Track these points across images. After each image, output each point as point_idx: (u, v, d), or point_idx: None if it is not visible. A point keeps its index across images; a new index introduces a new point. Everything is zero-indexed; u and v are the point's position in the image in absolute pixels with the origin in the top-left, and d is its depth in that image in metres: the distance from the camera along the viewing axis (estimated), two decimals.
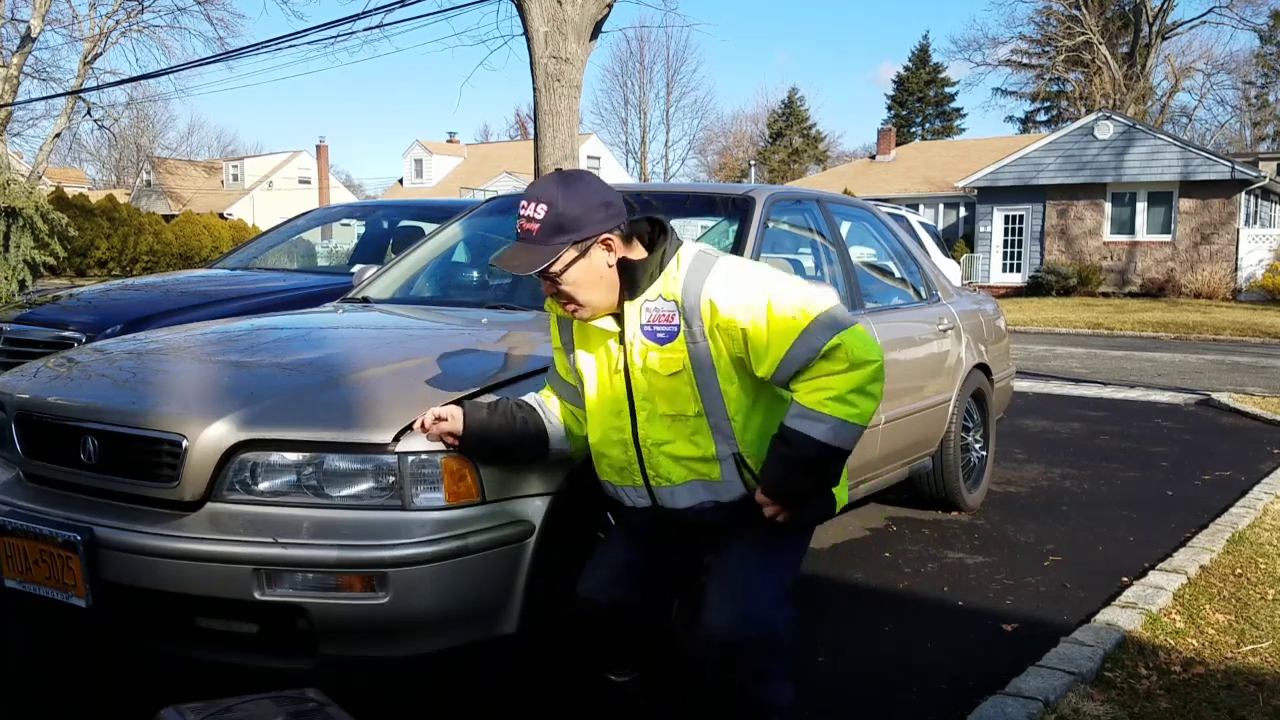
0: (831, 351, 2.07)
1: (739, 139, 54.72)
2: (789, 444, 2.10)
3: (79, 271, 24.32)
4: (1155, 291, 23.54)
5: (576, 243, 2.11)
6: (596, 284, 2.15)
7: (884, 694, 2.85)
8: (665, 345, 2.16)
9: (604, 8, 8.50)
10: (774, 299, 2.12)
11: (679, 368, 2.15)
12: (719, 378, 2.16)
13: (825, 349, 2.07)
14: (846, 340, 2.07)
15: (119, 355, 3.07)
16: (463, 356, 2.80)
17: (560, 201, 2.10)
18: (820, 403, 2.07)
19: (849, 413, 2.07)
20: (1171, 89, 39.90)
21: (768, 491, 2.15)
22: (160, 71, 27.10)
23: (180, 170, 50.23)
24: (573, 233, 2.10)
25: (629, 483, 2.29)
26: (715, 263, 2.18)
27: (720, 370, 2.16)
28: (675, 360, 2.15)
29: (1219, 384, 9.70)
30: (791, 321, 2.09)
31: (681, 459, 2.21)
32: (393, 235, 6.40)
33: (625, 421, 2.23)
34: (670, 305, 2.16)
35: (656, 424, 2.20)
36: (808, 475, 2.12)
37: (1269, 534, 4.34)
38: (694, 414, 2.18)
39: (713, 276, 2.15)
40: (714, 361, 2.15)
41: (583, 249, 2.12)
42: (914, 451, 4.45)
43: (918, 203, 28.44)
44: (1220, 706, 2.69)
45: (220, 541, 2.33)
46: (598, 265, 2.14)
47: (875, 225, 4.88)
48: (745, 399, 2.19)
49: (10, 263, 6.61)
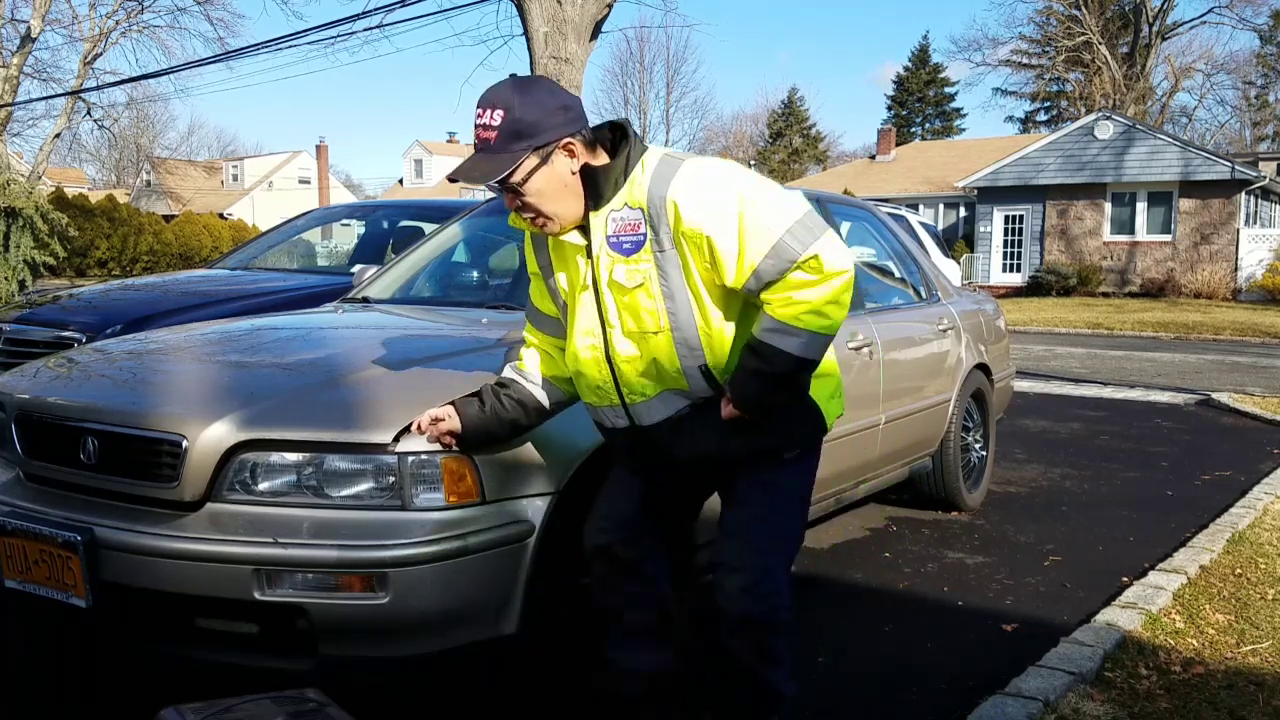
0: (806, 262, 1.97)
1: (739, 139, 54.72)
2: (761, 357, 2.01)
3: (79, 271, 24.32)
4: (1155, 291, 23.54)
5: (537, 149, 2.01)
6: (561, 193, 2.05)
7: (884, 694, 2.85)
8: (631, 256, 2.05)
9: (604, 8, 8.50)
10: (745, 205, 1.99)
11: (643, 279, 2.05)
12: (687, 288, 2.05)
13: (800, 260, 1.97)
14: (822, 250, 1.97)
15: (119, 355, 3.07)
16: (463, 357, 2.80)
17: (517, 106, 1.99)
18: (795, 316, 1.99)
19: (822, 325, 2.00)
20: (1171, 89, 39.93)
21: (739, 405, 2.07)
22: (160, 71, 27.18)
23: (180, 170, 50.26)
24: (532, 138, 2.00)
25: (606, 403, 2.21)
26: (681, 164, 2.06)
27: (688, 281, 2.05)
28: (640, 271, 2.05)
29: (1219, 384, 9.70)
30: (764, 231, 1.98)
31: (652, 375, 2.12)
32: (393, 235, 6.39)
33: (598, 339, 2.14)
34: (636, 214, 2.05)
35: (627, 340, 2.11)
36: (780, 388, 2.05)
37: (1269, 534, 4.34)
38: (661, 328, 2.07)
39: (678, 178, 2.03)
40: (682, 271, 2.04)
41: (544, 155, 2.02)
42: (914, 451, 4.45)
43: (918, 203, 28.44)
44: (1220, 706, 2.69)
45: (220, 541, 2.33)
46: (561, 173, 2.04)
47: (875, 225, 4.88)
48: (714, 311, 2.08)
49: (10, 263, 6.61)
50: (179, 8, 29.32)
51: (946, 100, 53.59)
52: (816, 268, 1.98)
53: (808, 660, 3.05)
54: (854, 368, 3.87)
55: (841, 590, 3.74)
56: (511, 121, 1.99)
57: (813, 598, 3.65)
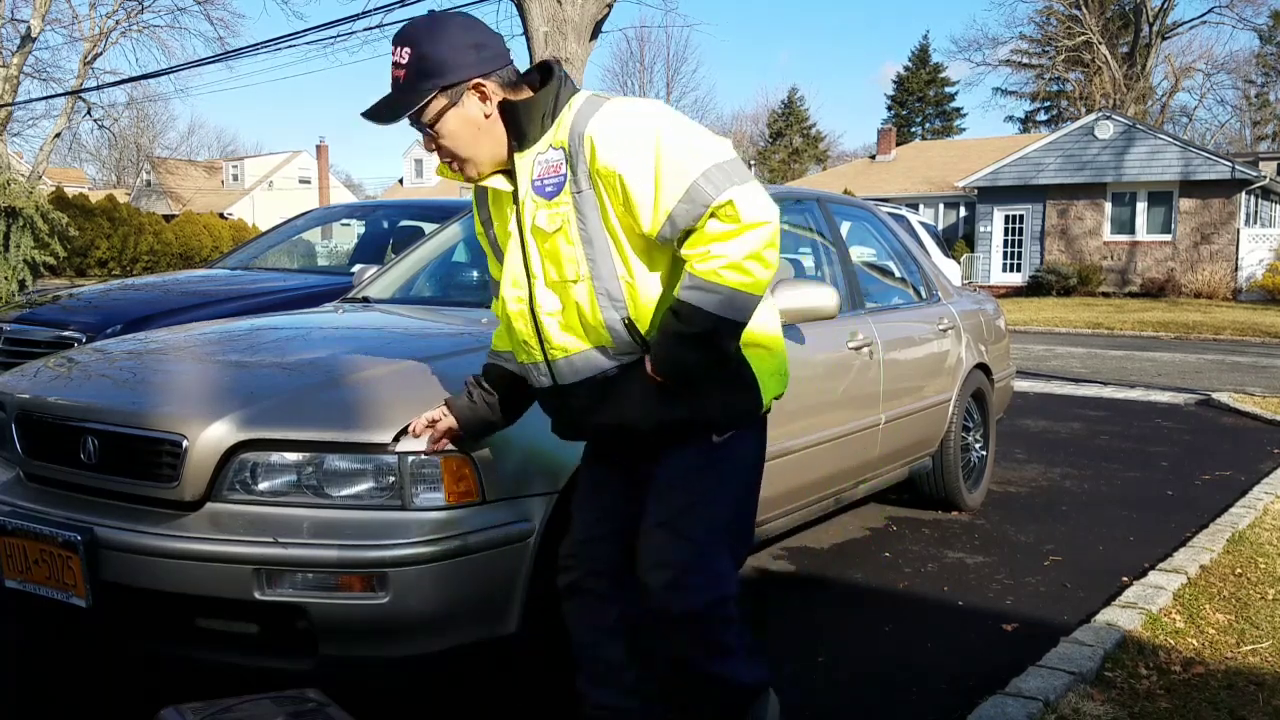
0: (721, 209, 1.85)
1: (739, 139, 54.67)
2: (679, 317, 1.89)
3: (79, 271, 24.32)
4: (1155, 291, 23.54)
5: (445, 89, 1.92)
6: (476, 137, 1.97)
7: (884, 694, 2.85)
8: (553, 200, 1.95)
9: (604, 8, 8.50)
10: (662, 145, 1.87)
11: (562, 223, 1.94)
12: (605, 233, 1.94)
13: (714, 206, 1.85)
14: (737, 197, 1.84)
15: (119, 355, 3.07)
16: (463, 357, 2.79)
17: (424, 43, 1.91)
18: (713, 271, 1.86)
19: (743, 283, 1.87)
20: (1171, 89, 39.94)
21: (658, 369, 1.95)
22: (160, 71, 27.24)
23: (180, 170, 50.28)
24: (439, 78, 1.91)
25: (532, 359, 2.10)
26: (605, 102, 1.95)
27: (606, 225, 1.93)
28: (559, 215, 1.95)
29: (1219, 384, 9.70)
30: (678, 173, 1.86)
31: (575, 329, 2.00)
32: (393, 235, 6.39)
33: (523, 290, 2.04)
34: (558, 154, 1.94)
35: (549, 291, 2.01)
36: (699, 350, 1.91)
37: (1269, 534, 4.34)
38: (581, 276, 1.96)
39: (598, 114, 1.92)
40: (600, 214, 1.93)
41: (453, 96, 1.93)
42: (914, 451, 4.45)
43: (918, 203, 28.44)
44: (1220, 706, 2.69)
45: (220, 541, 2.33)
46: (473, 116, 1.95)
47: (875, 225, 4.88)
48: (637, 261, 1.96)
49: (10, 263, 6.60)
50: (179, 8, 29.41)
51: (946, 100, 53.60)
52: (732, 216, 1.85)
53: (808, 660, 3.05)
54: (854, 367, 3.87)
55: (841, 590, 3.74)
56: (418, 59, 1.92)
57: (813, 598, 3.66)
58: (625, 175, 1.88)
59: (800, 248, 4.33)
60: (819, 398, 3.68)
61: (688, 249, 1.89)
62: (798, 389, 3.56)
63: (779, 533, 3.69)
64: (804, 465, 3.56)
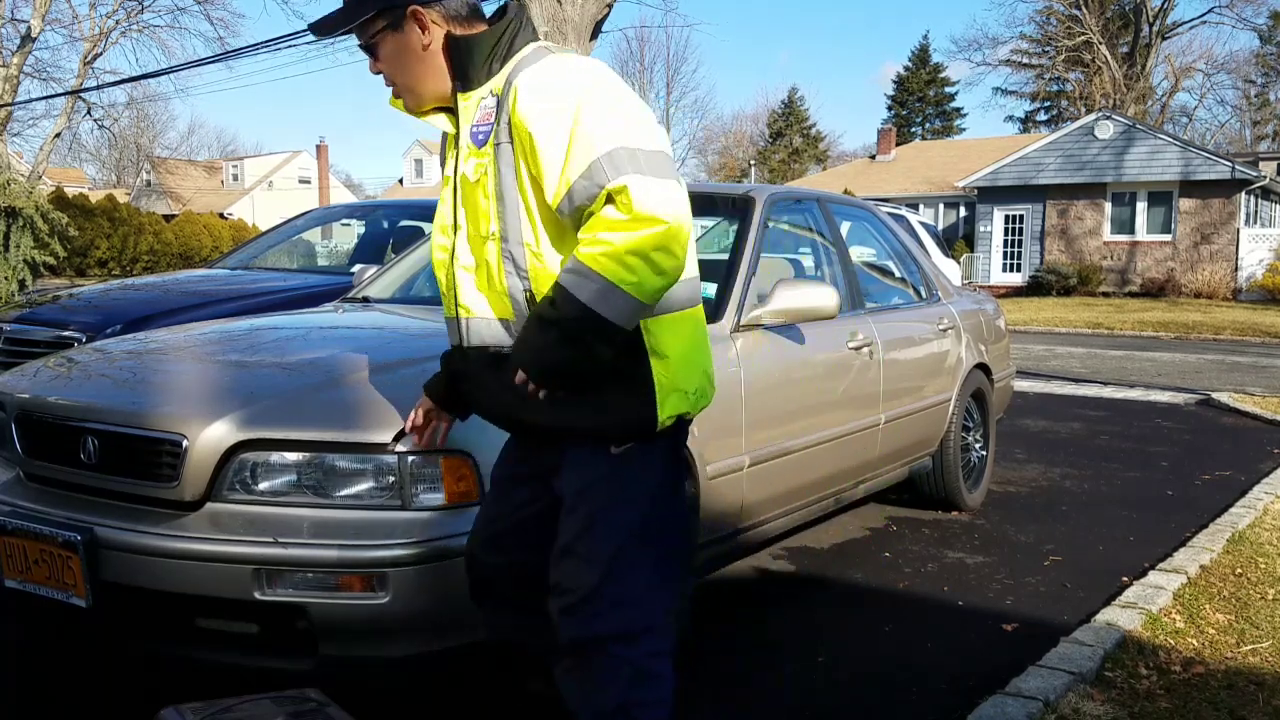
0: (616, 195, 1.69)
1: (739, 139, 54.73)
2: (551, 302, 1.74)
3: (79, 271, 24.31)
4: (1155, 291, 23.54)
5: (385, 10, 1.86)
6: (413, 66, 1.90)
7: (884, 694, 2.85)
8: (481, 148, 1.86)
9: (604, 8, 8.50)
10: (581, 112, 1.74)
11: (481, 174, 1.85)
12: (517, 192, 1.82)
13: (610, 189, 1.69)
14: (633, 184, 1.68)
15: (119, 355, 3.07)
16: None
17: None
18: (593, 257, 1.69)
19: (623, 278, 1.68)
20: (1171, 89, 39.94)
21: (517, 358, 1.79)
22: (160, 71, 27.23)
23: (180, 170, 50.28)
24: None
25: (449, 314, 2.00)
26: (548, 55, 1.86)
27: (519, 184, 1.82)
28: (481, 165, 1.85)
29: (1219, 384, 9.70)
30: (588, 145, 1.72)
31: (485, 290, 1.90)
32: (393, 235, 6.40)
33: (449, 239, 1.96)
34: (493, 100, 1.86)
35: (467, 246, 1.92)
36: (564, 345, 1.72)
37: (1269, 534, 4.34)
38: (491, 234, 1.86)
39: (535, 65, 1.83)
40: (514, 171, 1.82)
41: (393, 19, 1.87)
42: (914, 451, 4.46)
43: (918, 203, 28.44)
44: (1220, 706, 2.69)
45: (220, 541, 2.33)
46: (412, 44, 1.88)
47: (875, 225, 4.88)
48: (544, 232, 1.82)
49: (10, 263, 6.60)
50: (179, 8, 29.39)
51: (946, 100, 53.59)
52: (625, 204, 1.68)
53: (808, 660, 3.05)
54: (854, 367, 3.87)
55: (841, 590, 3.74)
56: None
57: (812, 598, 3.66)
58: (536, 135, 1.77)
59: (800, 248, 4.34)
60: (819, 398, 3.69)
61: (581, 231, 1.74)
62: (798, 389, 3.57)
63: (779, 533, 3.69)
64: (804, 465, 3.57)
